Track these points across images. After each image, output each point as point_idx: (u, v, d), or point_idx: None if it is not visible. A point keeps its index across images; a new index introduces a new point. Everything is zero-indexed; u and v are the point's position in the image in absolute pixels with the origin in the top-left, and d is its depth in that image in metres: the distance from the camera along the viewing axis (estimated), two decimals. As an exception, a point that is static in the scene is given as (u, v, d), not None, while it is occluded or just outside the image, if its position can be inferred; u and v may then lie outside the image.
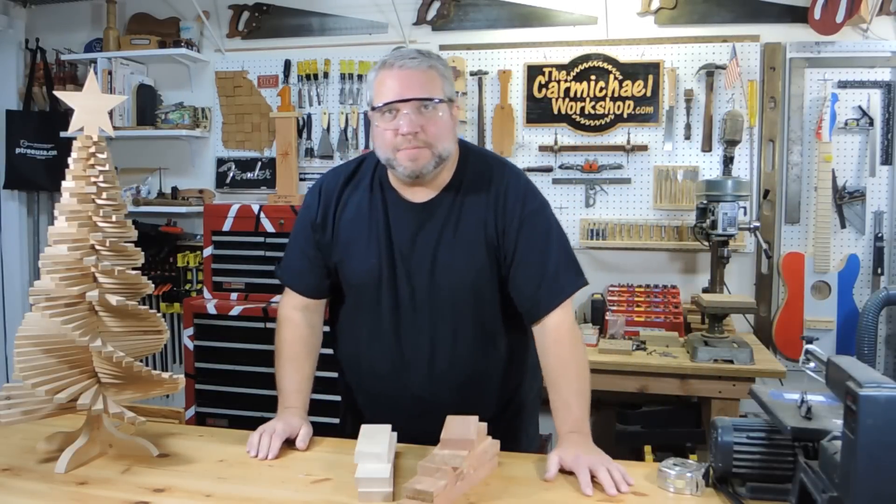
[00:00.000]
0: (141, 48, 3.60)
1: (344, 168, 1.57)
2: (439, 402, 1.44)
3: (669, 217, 3.23)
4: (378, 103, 1.39)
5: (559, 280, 1.44)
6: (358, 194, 1.52)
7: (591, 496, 1.18)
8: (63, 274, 1.25)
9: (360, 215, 1.50)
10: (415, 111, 1.37)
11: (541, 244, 1.46)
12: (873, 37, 3.03)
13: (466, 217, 1.46)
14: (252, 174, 3.67)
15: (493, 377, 1.54)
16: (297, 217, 1.60)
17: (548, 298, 1.44)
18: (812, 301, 3.07)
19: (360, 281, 1.50)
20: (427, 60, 1.41)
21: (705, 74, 3.16)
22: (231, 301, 3.19)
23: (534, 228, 1.46)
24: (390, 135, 1.39)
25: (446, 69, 1.45)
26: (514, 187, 1.48)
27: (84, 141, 1.31)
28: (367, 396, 1.60)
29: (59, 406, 1.29)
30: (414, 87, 1.37)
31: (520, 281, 1.46)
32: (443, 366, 1.48)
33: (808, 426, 1.06)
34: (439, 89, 1.40)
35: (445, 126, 1.41)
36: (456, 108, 1.47)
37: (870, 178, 3.07)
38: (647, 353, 2.71)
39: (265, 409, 3.02)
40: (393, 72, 1.38)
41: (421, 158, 1.39)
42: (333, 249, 1.52)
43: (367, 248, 1.48)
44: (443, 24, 3.43)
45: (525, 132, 3.35)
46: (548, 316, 1.43)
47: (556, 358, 1.42)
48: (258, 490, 1.22)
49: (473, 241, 1.46)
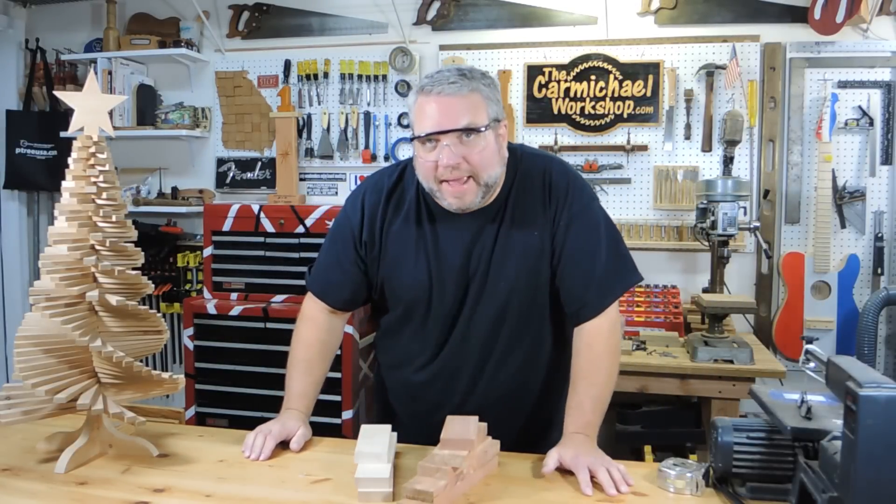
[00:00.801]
0: (141, 48, 3.60)
1: (386, 178, 1.49)
2: (475, 412, 1.37)
3: (669, 217, 3.23)
4: (418, 133, 1.33)
5: (608, 281, 1.41)
6: (404, 207, 1.46)
7: (591, 496, 1.18)
8: (63, 274, 1.25)
9: (407, 228, 1.45)
10: (455, 142, 1.30)
11: (590, 243, 1.41)
12: (873, 37, 3.03)
13: (517, 223, 1.42)
14: (252, 174, 3.67)
15: (534, 385, 1.52)
16: (333, 226, 1.54)
17: (596, 300, 1.40)
18: (812, 301, 3.07)
19: (410, 296, 1.46)
20: (469, 84, 1.31)
21: (705, 74, 3.16)
22: (231, 301, 3.19)
23: (582, 227, 1.41)
24: (431, 166, 1.33)
25: (491, 89, 1.35)
26: (561, 185, 1.43)
27: (84, 141, 1.31)
28: (403, 402, 1.58)
29: (59, 406, 1.29)
30: (454, 116, 1.29)
31: (569, 281, 1.42)
32: (487, 377, 1.47)
33: (808, 426, 1.06)
34: (483, 114, 1.32)
35: (491, 152, 1.33)
36: (504, 127, 1.39)
37: (870, 178, 3.07)
38: (647, 353, 2.71)
39: (265, 409, 3.02)
40: (431, 98, 1.31)
41: (467, 195, 1.34)
42: (381, 264, 1.47)
43: (416, 262, 1.43)
44: (443, 24, 3.43)
45: (525, 132, 3.35)
46: (594, 318, 1.40)
47: (587, 360, 1.39)
48: (258, 490, 1.22)
49: (528, 248, 1.42)
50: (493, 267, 1.42)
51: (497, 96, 1.37)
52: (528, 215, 1.42)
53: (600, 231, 1.43)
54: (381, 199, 1.47)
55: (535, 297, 1.45)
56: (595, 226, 1.43)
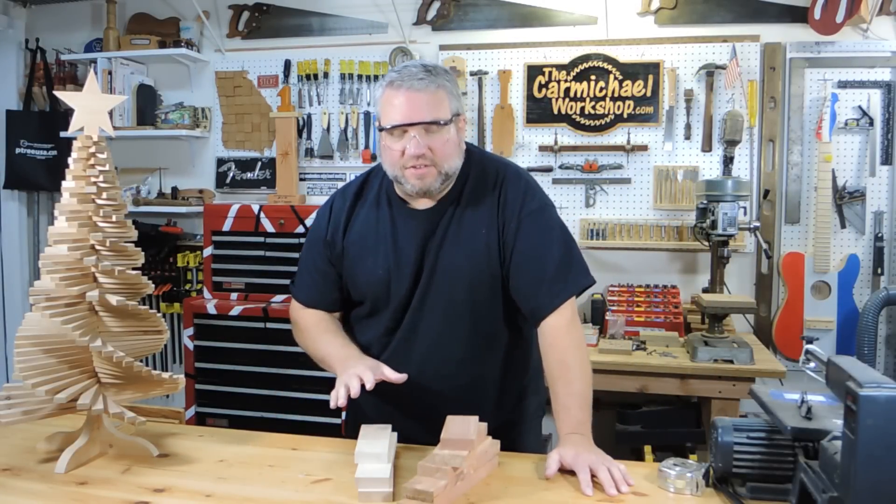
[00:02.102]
0: (141, 48, 3.60)
1: (352, 187, 1.60)
2: (438, 405, 1.42)
3: (669, 217, 3.23)
4: (386, 124, 1.42)
5: (559, 281, 1.45)
6: (365, 210, 1.56)
7: (591, 496, 1.18)
8: (63, 274, 1.26)
9: (367, 230, 1.53)
10: (422, 133, 1.39)
11: (540, 244, 1.47)
12: (873, 37, 3.03)
13: (468, 220, 1.48)
14: (252, 174, 3.67)
15: (489, 382, 1.55)
16: (307, 236, 1.65)
17: (548, 299, 1.44)
18: (812, 301, 3.07)
19: (370, 291, 1.53)
20: (434, 80, 1.41)
21: (705, 74, 3.16)
22: (231, 301, 3.19)
23: (533, 228, 1.47)
24: (397, 154, 1.41)
25: (453, 84, 1.46)
26: (513, 188, 1.50)
27: (84, 141, 1.31)
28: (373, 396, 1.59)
29: (59, 406, 1.29)
30: (421, 109, 1.39)
31: (519, 281, 1.47)
32: (443, 369, 1.49)
33: (808, 426, 1.06)
34: (446, 109, 1.42)
35: (452, 145, 1.44)
36: (463, 121, 1.49)
37: (870, 178, 3.07)
38: (647, 353, 2.71)
39: (265, 409, 3.03)
40: (400, 93, 1.39)
41: (428, 177, 1.42)
42: (344, 263, 1.55)
43: (375, 260, 1.51)
44: (443, 24, 3.43)
45: (525, 132, 3.35)
46: (549, 317, 1.44)
47: (556, 360, 1.42)
48: (258, 490, 1.22)
49: (475, 243, 1.47)
50: (442, 260, 1.47)
51: (458, 91, 1.48)
52: (478, 213, 1.49)
53: (552, 234, 1.48)
54: (347, 203, 1.57)
55: (483, 292, 1.49)
56: (546, 228, 1.48)
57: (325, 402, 2.12)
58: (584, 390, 1.39)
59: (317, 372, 3.05)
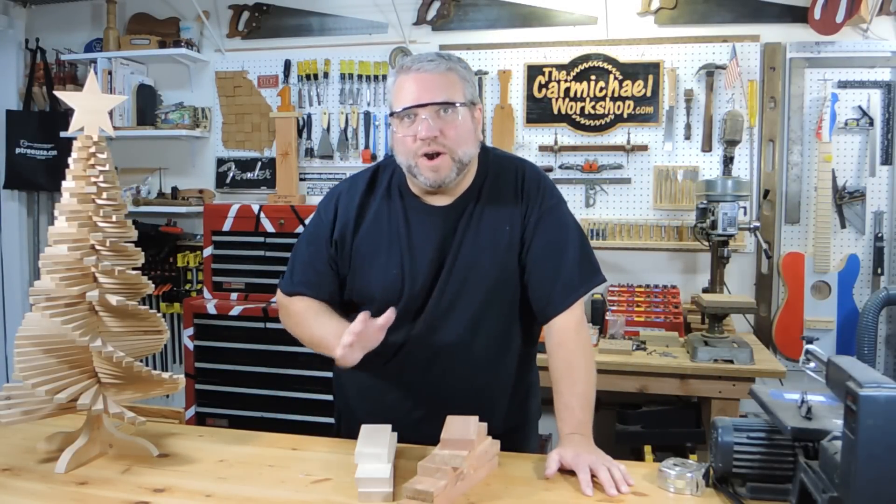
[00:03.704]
0: (141, 48, 3.60)
1: (360, 180, 1.52)
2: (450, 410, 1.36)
3: (669, 217, 3.23)
4: (397, 108, 1.37)
5: (573, 280, 1.43)
6: (376, 203, 1.48)
7: (591, 496, 1.18)
8: (63, 274, 1.26)
9: (379, 225, 1.46)
10: (433, 115, 1.35)
11: (557, 241, 1.45)
12: (873, 37, 3.03)
13: (490, 217, 1.45)
14: (252, 174, 3.67)
15: (501, 388, 1.52)
16: (305, 232, 1.55)
17: (561, 297, 1.42)
18: (812, 301, 3.07)
19: (380, 291, 1.45)
20: (446, 63, 1.38)
21: (705, 74, 3.16)
22: (231, 301, 3.19)
23: (551, 225, 1.45)
24: (410, 141, 1.36)
25: (467, 71, 1.42)
26: (533, 183, 1.47)
27: (84, 141, 1.31)
28: (363, 399, 1.57)
29: (59, 406, 1.29)
30: (432, 90, 1.35)
31: (536, 277, 1.44)
32: (459, 371, 1.47)
33: (809, 426, 1.06)
34: (459, 92, 1.38)
35: (466, 130, 1.38)
36: (479, 111, 1.44)
37: (870, 178, 3.07)
38: (647, 353, 2.71)
39: (265, 409, 3.03)
40: (410, 76, 1.36)
41: (442, 169, 1.37)
42: (352, 264, 1.48)
43: (388, 258, 1.44)
44: (443, 24, 3.43)
45: (525, 132, 3.35)
46: (559, 316, 1.42)
47: (562, 360, 1.41)
48: (258, 490, 1.22)
49: (499, 242, 1.44)
50: (464, 260, 1.43)
51: (473, 81, 1.43)
52: (501, 210, 1.45)
53: (569, 230, 1.47)
54: (357, 198, 1.49)
55: (504, 291, 1.46)
56: (564, 224, 1.47)
57: (323, 401, 2.12)
58: (587, 391, 1.38)
59: (317, 372, 3.08)
